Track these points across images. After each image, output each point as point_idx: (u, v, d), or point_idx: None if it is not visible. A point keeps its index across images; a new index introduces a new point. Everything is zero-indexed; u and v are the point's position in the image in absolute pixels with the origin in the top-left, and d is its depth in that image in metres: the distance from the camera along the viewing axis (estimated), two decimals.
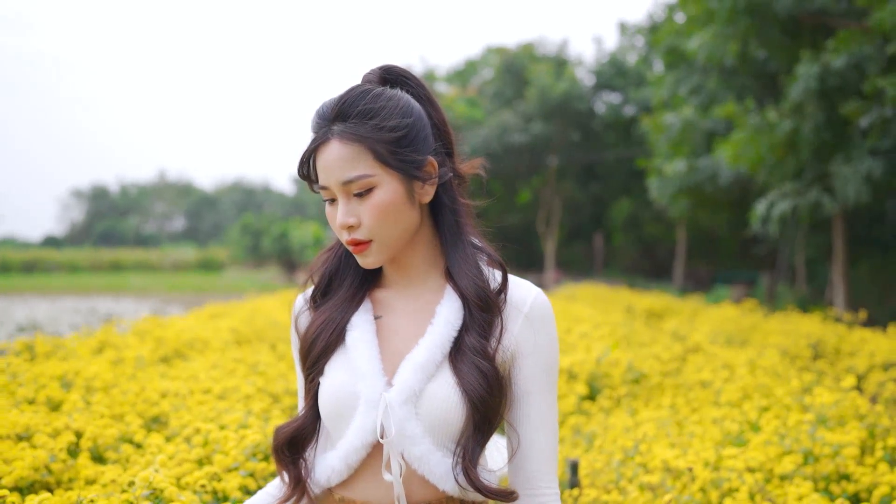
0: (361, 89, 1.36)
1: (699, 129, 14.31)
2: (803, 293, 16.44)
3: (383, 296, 1.47)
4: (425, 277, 1.45)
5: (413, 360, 1.35)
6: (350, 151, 1.33)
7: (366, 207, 1.34)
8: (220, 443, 2.85)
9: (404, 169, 1.35)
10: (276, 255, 39.10)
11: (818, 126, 10.05)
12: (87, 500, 1.99)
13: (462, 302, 1.40)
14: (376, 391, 1.34)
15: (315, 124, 1.38)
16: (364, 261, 1.39)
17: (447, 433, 1.34)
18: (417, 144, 1.36)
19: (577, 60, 26.85)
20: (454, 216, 1.43)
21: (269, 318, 7.44)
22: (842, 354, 6.67)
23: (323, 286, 1.48)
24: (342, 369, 1.39)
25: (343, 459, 1.37)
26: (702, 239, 24.29)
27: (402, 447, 1.33)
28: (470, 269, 1.40)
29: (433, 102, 1.43)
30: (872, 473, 3.11)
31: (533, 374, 1.40)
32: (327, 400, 1.39)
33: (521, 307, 1.41)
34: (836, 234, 12.86)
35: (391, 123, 1.34)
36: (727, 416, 3.93)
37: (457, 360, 1.36)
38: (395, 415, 1.32)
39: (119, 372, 4.16)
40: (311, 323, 1.46)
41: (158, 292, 30.29)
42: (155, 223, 77.03)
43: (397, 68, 1.44)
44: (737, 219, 16.53)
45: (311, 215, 53.32)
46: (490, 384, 1.34)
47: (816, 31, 11.73)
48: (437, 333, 1.37)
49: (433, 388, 1.34)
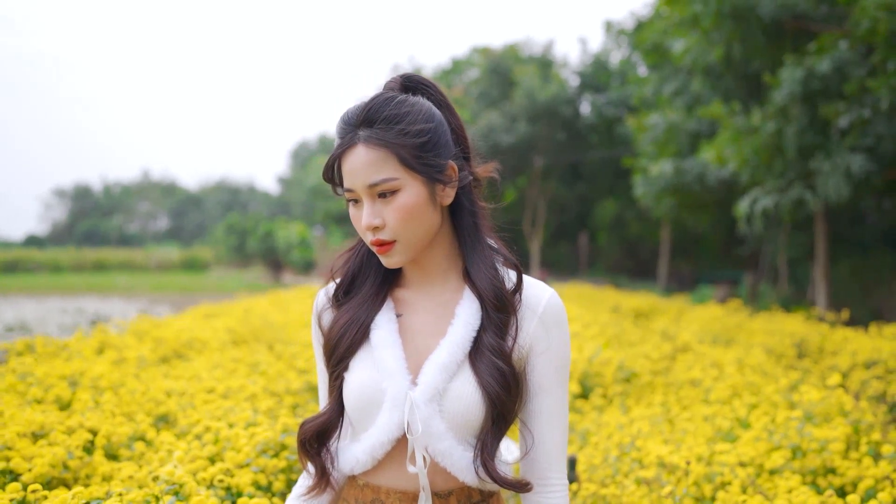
0: (386, 96, 1.42)
1: (684, 131, 14.45)
2: (785, 293, 16.65)
3: (404, 295, 1.53)
4: (444, 277, 1.51)
5: (436, 361, 1.42)
6: (376, 156, 1.38)
7: (390, 209, 1.40)
8: (231, 440, 2.93)
9: (427, 172, 1.41)
10: (261, 254, 39.01)
11: (802, 128, 10.20)
12: (116, 494, 2.07)
13: (480, 302, 1.46)
14: (402, 389, 1.41)
15: (340, 129, 1.43)
16: (388, 260, 1.45)
17: (468, 429, 1.42)
18: (439, 149, 1.43)
19: (562, 62, 27.00)
20: (473, 218, 1.49)
21: (263, 319, 7.51)
22: (825, 353, 6.81)
23: (346, 285, 1.54)
24: (368, 367, 1.45)
25: (368, 452, 1.44)
26: (685, 239, 24.49)
27: (427, 443, 1.40)
28: (487, 270, 1.47)
29: (451, 109, 1.49)
30: (857, 467, 3.22)
31: (546, 372, 1.47)
32: (353, 396, 1.45)
33: (536, 308, 1.47)
34: (818, 234, 13.05)
35: (415, 129, 1.39)
36: (717, 414, 4.05)
37: (476, 359, 1.42)
38: (421, 412, 1.38)
39: (122, 372, 4.23)
40: (335, 321, 1.52)
41: (144, 292, 30.17)
42: (139, 223, 76.59)
43: (417, 77, 1.50)
44: (720, 219, 16.72)
45: (296, 215, 53.20)
46: (508, 382, 1.41)
47: (798, 35, 11.91)
48: (458, 334, 1.43)
49: (455, 387, 1.41)
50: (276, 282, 35.84)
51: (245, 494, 2.63)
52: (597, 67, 26.24)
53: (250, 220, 41.78)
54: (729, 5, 11.13)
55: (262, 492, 2.79)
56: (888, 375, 5.58)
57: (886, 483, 3.02)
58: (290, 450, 3.04)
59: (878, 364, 5.92)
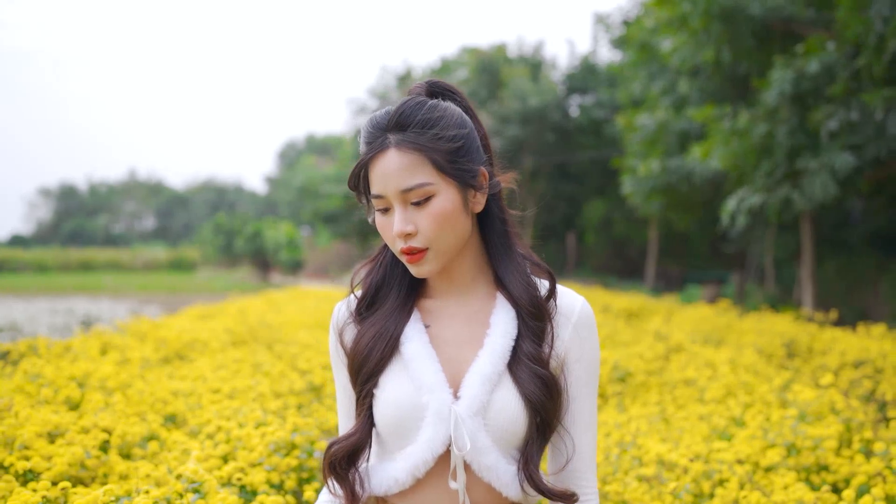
0: (417, 100, 1.39)
1: (672, 131, 14.57)
2: (772, 292, 16.83)
3: (431, 305, 1.49)
4: (473, 285, 1.47)
5: (478, 372, 1.38)
6: (410, 160, 1.35)
7: (424, 215, 1.36)
8: (243, 440, 3.00)
9: (461, 178, 1.38)
10: (249, 254, 38.99)
11: (792, 130, 10.31)
12: (144, 491, 2.14)
13: (515, 310, 1.43)
14: (444, 404, 1.36)
15: (369, 134, 1.39)
16: (419, 269, 1.40)
17: (511, 441, 1.38)
18: (472, 154, 1.40)
19: (551, 63, 27.11)
20: (503, 225, 1.48)
21: (259, 319, 7.57)
22: (814, 353, 6.93)
23: (370, 297, 1.48)
24: (403, 381, 1.40)
25: (409, 472, 1.38)
26: (672, 239, 24.67)
27: (472, 458, 1.35)
28: (521, 277, 1.45)
29: (476, 116, 1.48)
30: (850, 464, 3.32)
31: (580, 380, 1.45)
32: (389, 413, 1.40)
33: (570, 316, 1.45)
34: (804, 234, 13.22)
35: (450, 134, 1.37)
36: (713, 413, 4.15)
37: (515, 368, 1.39)
38: (467, 427, 1.34)
39: (128, 373, 4.29)
40: (359, 335, 1.46)
41: (132, 292, 30.07)
42: (125, 222, 76.28)
43: (443, 83, 1.47)
44: (707, 219, 16.87)
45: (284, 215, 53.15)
46: (550, 390, 1.39)
47: (786, 38, 12.06)
48: (497, 343, 1.40)
49: (498, 399, 1.37)
50: (265, 282, 35.81)
51: (260, 492, 2.69)
52: (585, 70, 26.36)
53: (238, 220, 41.73)
54: (717, 6, 11.24)
55: (274, 489, 2.86)
56: (877, 375, 5.70)
57: (878, 479, 3.12)
58: (300, 448, 3.10)
59: (867, 363, 6.04)
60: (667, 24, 13.11)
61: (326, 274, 39.21)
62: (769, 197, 10.56)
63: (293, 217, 47.31)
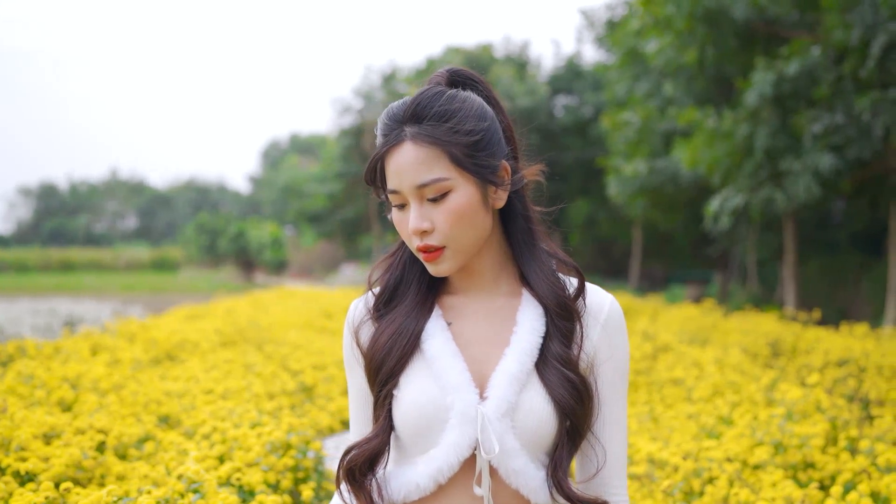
0: (435, 91, 1.32)
1: (657, 132, 14.67)
2: (755, 292, 16.99)
3: (452, 301, 1.41)
4: (496, 283, 1.41)
5: (506, 371, 1.31)
6: (426, 154, 1.29)
7: (440, 212, 1.30)
8: (239, 440, 3.02)
9: (480, 173, 1.31)
10: (233, 254, 38.83)
11: (773, 131, 10.42)
12: (146, 491, 2.16)
13: (543, 308, 1.37)
14: (470, 404, 1.29)
15: (385, 126, 1.33)
16: (436, 268, 1.34)
17: (540, 445, 1.32)
18: (492, 148, 1.33)
19: (536, 63, 27.20)
20: (527, 223, 1.41)
21: (248, 320, 7.56)
22: (798, 352, 7.03)
23: (388, 293, 1.42)
24: (426, 381, 1.33)
25: (432, 477, 1.30)
26: (656, 239, 24.82)
27: (500, 462, 1.29)
28: (547, 275, 1.38)
29: (500, 106, 1.40)
30: (836, 462, 3.38)
31: (610, 381, 1.38)
32: (411, 414, 1.32)
33: (598, 315, 1.39)
34: (787, 234, 13.35)
35: (468, 126, 1.30)
36: (701, 412, 4.20)
37: (543, 369, 1.32)
38: (495, 429, 1.28)
39: (119, 374, 4.29)
40: (378, 333, 1.38)
41: (115, 293, 29.88)
42: (106, 222, 75.70)
43: (465, 71, 1.39)
44: (691, 219, 17.01)
45: (267, 214, 52.99)
46: (580, 393, 1.32)
47: (770, 40, 12.17)
48: (526, 341, 1.33)
49: (526, 400, 1.30)
50: (249, 282, 35.70)
51: (258, 492, 2.72)
52: (570, 70, 26.47)
53: (221, 220, 41.56)
54: (702, 8, 11.33)
55: (270, 489, 2.88)
56: (861, 374, 5.79)
57: (864, 476, 3.18)
58: (296, 449, 3.13)
59: (850, 362, 6.13)
60: (652, 26, 13.20)
61: (311, 274, 39.13)
62: (752, 197, 10.65)
63: (277, 217, 47.19)
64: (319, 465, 3.30)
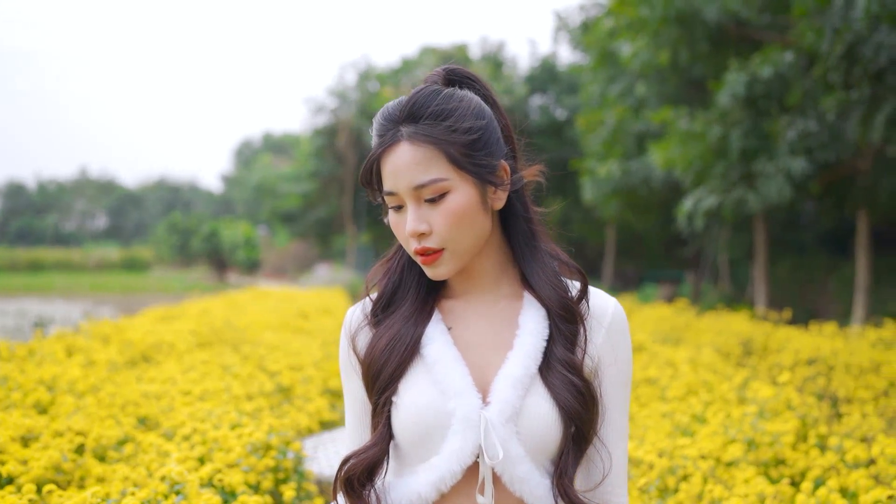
0: (432, 89, 1.30)
1: (630, 133, 14.80)
2: (727, 291, 17.20)
3: (452, 306, 1.38)
4: (497, 285, 1.38)
5: (509, 375, 1.28)
6: (422, 154, 1.26)
7: (438, 213, 1.27)
8: (220, 441, 3.02)
9: (479, 173, 1.28)
10: (205, 254, 38.56)
11: (746, 132, 10.57)
12: (130, 492, 2.16)
13: (545, 311, 1.34)
14: (473, 409, 1.25)
15: (380, 126, 1.30)
16: (434, 271, 1.31)
17: (545, 452, 1.29)
18: (491, 148, 1.30)
19: (512, 63, 27.31)
20: (528, 224, 1.38)
21: (223, 320, 7.53)
22: (769, 351, 7.15)
23: (386, 298, 1.39)
24: (426, 386, 1.30)
25: (434, 485, 1.27)
26: (629, 239, 25.03)
27: (504, 469, 1.25)
28: (549, 278, 1.35)
29: (499, 106, 1.37)
30: (806, 458, 3.46)
31: (613, 387, 1.35)
32: (410, 421, 1.29)
33: (602, 319, 1.36)
34: (757, 235, 13.54)
35: (465, 125, 1.27)
36: (675, 410, 4.27)
37: (547, 373, 1.29)
38: (499, 434, 1.24)
39: (95, 375, 4.26)
40: (375, 339, 1.35)
41: (84, 293, 29.52)
42: (75, 221, 74.75)
43: (462, 69, 1.37)
44: (664, 219, 17.19)
45: (240, 214, 52.66)
46: (584, 398, 1.29)
47: (741, 41, 12.34)
48: (529, 345, 1.30)
49: (530, 405, 1.27)
50: (221, 282, 35.45)
51: (239, 493, 2.73)
52: (545, 70, 26.59)
53: (193, 220, 41.26)
54: (675, 10, 11.46)
55: (251, 490, 2.89)
56: (830, 372, 5.91)
57: (833, 472, 3.26)
58: (276, 450, 3.14)
59: (819, 361, 6.25)
60: (626, 28, 13.31)
61: (284, 274, 38.93)
62: (725, 198, 10.78)
63: (250, 216, 46.91)
64: (299, 466, 3.31)
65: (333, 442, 4.17)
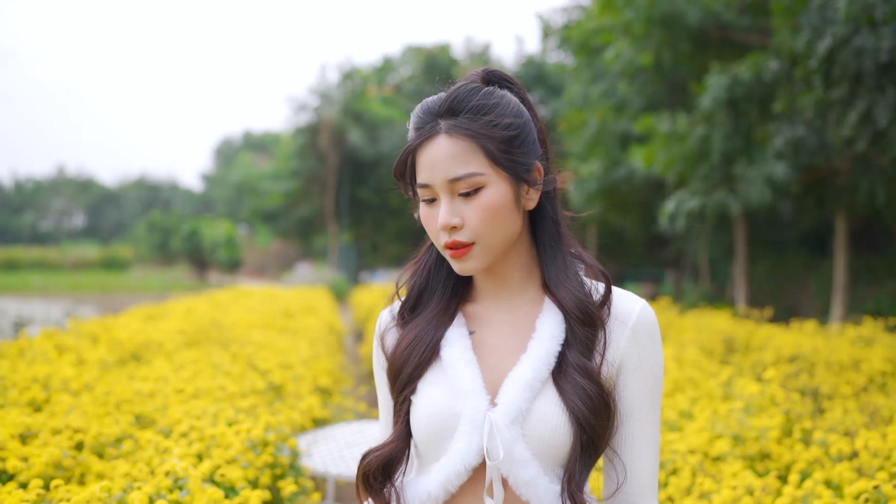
0: (472, 86, 1.31)
1: (613, 133, 14.91)
2: (707, 290, 17.38)
3: (476, 310, 1.40)
4: (522, 289, 1.38)
5: (518, 378, 1.28)
6: (461, 147, 1.27)
7: (472, 208, 1.27)
8: (218, 438, 3.05)
9: (515, 170, 1.29)
10: (186, 253, 38.38)
11: (728, 134, 10.69)
12: (136, 487, 2.19)
13: (563, 315, 1.33)
14: (480, 410, 1.26)
15: (418, 119, 1.31)
16: (462, 266, 1.31)
17: (554, 456, 1.27)
18: (527, 147, 1.31)
19: (498, 64, 27.42)
20: (555, 226, 1.38)
21: (209, 319, 7.53)
22: (752, 349, 7.26)
23: (412, 300, 1.41)
24: (439, 387, 1.32)
25: (442, 485, 1.28)
26: (610, 238, 25.18)
27: (510, 471, 1.25)
28: (569, 280, 1.34)
29: (534, 110, 1.38)
30: (791, 452, 3.54)
31: (639, 391, 1.32)
32: (424, 420, 1.32)
33: (627, 320, 1.33)
34: (738, 234, 13.70)
35: (505, 121, 1.28)
36: (663, 407, 4.35)
37: (560, 378, 1.28)
38: (503, 436, 1.24)
39: (88, 374, 4.27)
40: (400, 340, 1.39)
41: (62, 292, 29.28)
42: (53, 220, 74.08)
43: (500, 71, 1.38)
44: (645, 219, 17.33)
45: (220, 213, 52.41)
46: (595, 405, 1.27)
47: (723, 43, 12.48)
48: (542, 348, 1.30)
49: (539, 408, 1.27)
50: (202, 281, 35.30)
51: (239, 488, 2.76)
52: (530, 70, 26.67)
53: (174, 219, 41.06)
54: (658, 12, 11.57)
55: (250, 485, 2.93)
56: (811, 368, 6.02)
57: (817, 466, 3.35)
58: (273, 446, 3.17)
59: (801, 358, 6.36)
60: (609, 31, 13.39)
61: (265, 273, 38.83)
62: (707, 200, 10.90)
63: (230, 215, 46.72)
64: (296, 462, 3.35)
65: (326, 440, 4.20)
